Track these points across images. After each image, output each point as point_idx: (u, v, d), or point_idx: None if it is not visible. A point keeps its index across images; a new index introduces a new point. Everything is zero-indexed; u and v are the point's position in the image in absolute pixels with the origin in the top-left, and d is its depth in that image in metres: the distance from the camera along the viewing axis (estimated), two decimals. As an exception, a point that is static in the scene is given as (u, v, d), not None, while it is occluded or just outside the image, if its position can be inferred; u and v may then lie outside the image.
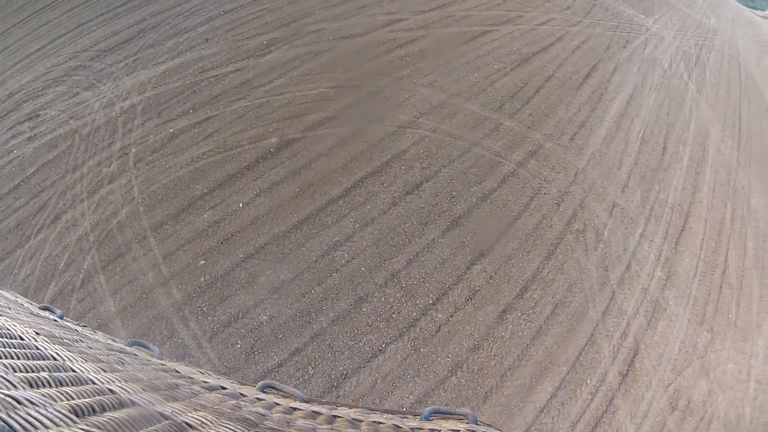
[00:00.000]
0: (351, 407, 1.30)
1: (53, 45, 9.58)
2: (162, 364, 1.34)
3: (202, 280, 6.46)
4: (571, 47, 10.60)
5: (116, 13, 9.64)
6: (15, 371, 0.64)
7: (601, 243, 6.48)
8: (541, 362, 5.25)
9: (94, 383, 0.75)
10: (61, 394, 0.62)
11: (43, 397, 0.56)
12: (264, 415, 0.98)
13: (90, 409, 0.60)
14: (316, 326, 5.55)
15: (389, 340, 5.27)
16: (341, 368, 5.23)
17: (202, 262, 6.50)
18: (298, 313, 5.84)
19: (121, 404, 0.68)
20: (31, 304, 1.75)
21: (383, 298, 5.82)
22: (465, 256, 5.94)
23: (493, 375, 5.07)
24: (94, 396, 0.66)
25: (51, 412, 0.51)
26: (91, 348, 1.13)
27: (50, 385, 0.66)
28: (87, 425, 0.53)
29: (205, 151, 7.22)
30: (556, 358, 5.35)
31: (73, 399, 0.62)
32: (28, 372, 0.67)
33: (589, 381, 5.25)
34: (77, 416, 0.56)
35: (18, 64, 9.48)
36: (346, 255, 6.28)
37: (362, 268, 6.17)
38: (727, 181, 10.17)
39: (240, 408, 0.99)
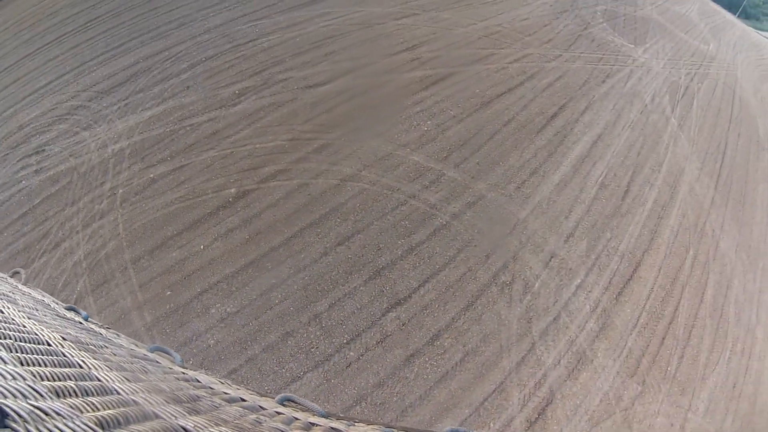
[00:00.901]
0: (369, 423, 1.28)
1: (58, 82, 10.51)
2: (183, 373, 1.33)
3: (168, 307, 7.15)
4: (542, 86, 10.63)
5: (113, 54, 10.46)
6: (42, 379, 0.63)
7: (529, 295, 6.64)
8: (443, 403, 5.53)
9: (118, 393, 0.74)
10: (87, 404, 0.61)
11: (69, 409, 0.55)
12: (283, 431, 0.96)
13: (115, 421, 0.59)
14: (250, 352, 6.13)
15: (307, 370, 5.83)
16: (267, 388, 5.78)
17: (169, 292, 7.21)
18: (237, 340, 6.45)
19: (145, 417, 0.67)
20: (57, 304, 1.75)
21: (305, 335, 6.33)
22: (382, 304, 6.30)
23: (394, 410, 5.42)
24: (119, 407, 0.65)
25: (77, 425, 0.50)
26: (115, 355, 1.12)
27: (76, 395, 0.64)
28: None
29: (177, 197, 7.88)
30: (459, 401, 5.61)
31: (99, 410, 0.60)
32: (54, 380, 0.66)
33: (492, 425, 5.48)
34: (102, 429, 0.55)
35: (28, 97, 10.47)
36: (279, 296, 6.83)
37: (291, 308, 6.69)
38: (695, 224, 9.95)
39: (260, 423, 0.96)
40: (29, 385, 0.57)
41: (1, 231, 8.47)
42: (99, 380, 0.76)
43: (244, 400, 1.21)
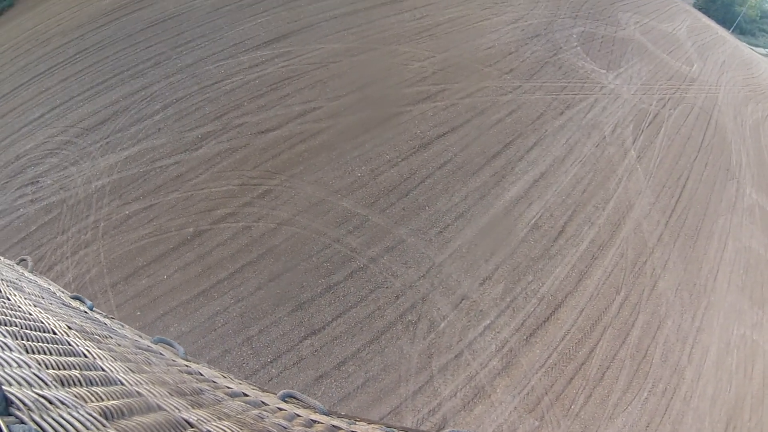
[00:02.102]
0: (370, 423, 1.28)
1: (50, 115, 11.55)
2: (186, 365, 1.31)
3: (137, 325, 8.23)
4: (491, 122, 10.81)
5: (97, 91, 11.38)
6: (47, 368, 0.62)
7: (433, 333, 7.13)
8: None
9: (122, 384, 0.73)
10: (92, 394, 0.60)
11: (74, 398, 0.54)
12: (285, 428, 0.95)
13: (119, 412, 0.58)
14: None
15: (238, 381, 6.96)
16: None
17: (138, 313, 8.26)
18: (188, 354, 7.52)
19: (149, 408, 0.67)
20: (63, 292, 1.73)
21: (239, 353, 7.16)
22: (300, 333, 7.00)
23: None
24: (123, 398, 0.65)
25: (82, 415, 0.50)
26: (119, 345, 1.11)
27: (81, 384, 0.64)
28: (116, 430, 0.51)
29: (147, 233, 8.82)
30: (356, 416, 6.29)
31: (103, 400, 0.60)
32: (59, 369, 0.65)
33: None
34: (106, 419, 0.54)
35: (23, 129, 11.58)
36: (221, 320, 7.66)
37: (230, 331, 7.51)
38: (634, 264, 10.02)
39: (262, 419, 0.97)
40: (34, 373, 0.56)
41: (2, 253, 9.68)
42: (103, 370, 0.75)
43: (246, 395, 1.19)
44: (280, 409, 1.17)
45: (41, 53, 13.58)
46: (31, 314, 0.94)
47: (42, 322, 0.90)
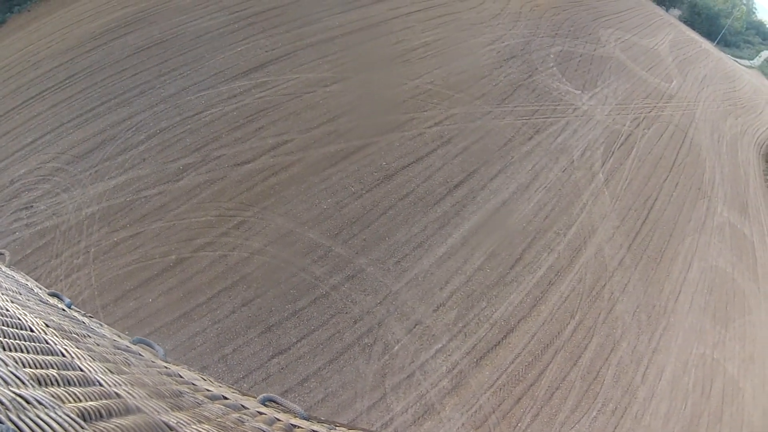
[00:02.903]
0: (350, 428, 1.32)
1: (42, 141, 12.70)
2: (166, 367, 1.34)
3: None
4: (456, 151, 11.76)
5: (86, 119, 12.51)
6: (24, 366, 0.63)
7: (387, 355, 8.14)
8: None
9: (101, 385, 0.74)
10: (69, 394, 0.61)
11: (51, 398, 0.55)
12: None
13: (97, 413, 0.59)
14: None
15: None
16: None
17: (126, 332, 9.39)
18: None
19: (128, 410, 0.67)
20: (40, 288, 1.73)
21: (216, 369, 8.29)
22: (268, 352, 8.08)
23: None
24: (102, 399, 0.65)
25: (59, 416, 0.50)
26: (98, 345, 1.13)
27: (59, 384, 0.64)
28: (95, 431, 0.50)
29: (134, 259, 9.94)
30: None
31: (81, 401, 0.60)
32: (37, 368, 0.65)
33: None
34: (84, 420, 0.54)
35: (17, 153, 12.75)
36: (200, 340, 8.74)
37: (207, 350, 8.61)
38: (591, 289, 10.92)
39: (242, 423, 1.00)
40: (11, 371, 0.56)
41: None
42: (82, 370, 0.76)
43: (226, 398, 1.23)
44: (260, 413, 1.19)
45: (33, 76, 14.74)
46: (7, 310, 0.93)
47: (19, 319, 0.90)
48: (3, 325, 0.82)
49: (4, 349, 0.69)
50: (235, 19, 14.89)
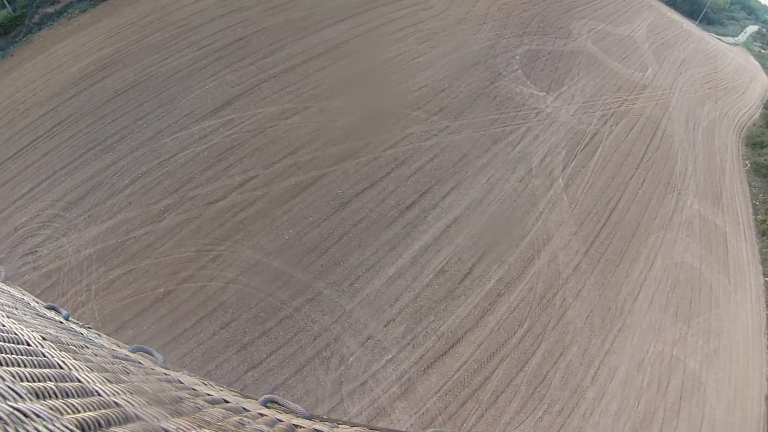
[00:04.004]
0: (352, 425, 1.49)
1: (38, 189, 15.51)
2: (165, 374, 1.50)
3: None
4: (410, 172, 13.67)
5: (75, 166, 15.19)
6: (22, 380, 0.70)
7: (343, 366, 10.39)
8: None
9: (99, 395, 0.82)
10: (68, 406, 0.67)
11: (49, 410, 0.61)
12: None
13: (96, 423, 0.64)
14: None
15: None
16: None
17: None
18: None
19: (127, 418, 0.75)
20: (37, 302, 2.00)
21: None
22: (244, 367, 10.52)
23: None
24: (100, 409, 0.72)
25: (57, 427, 0.55)
26: (96, 355, 1.25)
27: (56, 396, 0.72)
28: None
29: (128, 294, 12.57)
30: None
31: (79, 412, 0.67)
32: (34, 381, 0.73)
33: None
34: (83, 431, 0.60)
35: (17, 202, 15.64)
36: (188, 360, 11.50)
37: (194, 368, 11.39)
38: (542, 297, 12.76)
39: (244, 425, 1.10)
40: (8, 386, 0.61)
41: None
42: (79, 381, 0.84)
43: (227, 401, 1.36)
44: (262, 415, 1.33)
45: (22, 125, 17.59)
46: (4, 325, 1.04)
47: (15, 333, 1.01)
48: (0, 341, 0.91)
49: (1, 365, 0.76)
50: (203, 55, 17.13)
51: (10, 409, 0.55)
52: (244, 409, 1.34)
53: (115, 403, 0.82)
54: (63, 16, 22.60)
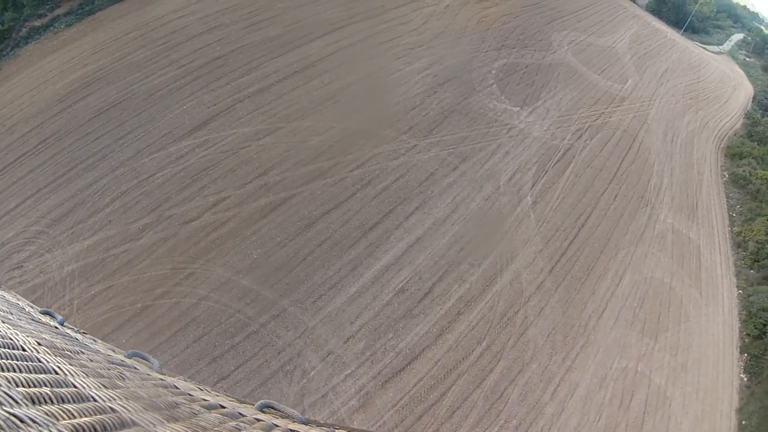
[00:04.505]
0: (350, 430, 1.65)
1: (24, 205, 17.36)
2: (161, 379, 1.61)
3: None
4: (375, 192, 15.09)
5: (59, 183, 16.99)
6: (17, 386, 0.76)
7: (305, 379, 11.89)
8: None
9: (95, 400, 0.88)
10: (63, 411, 0.73)
11: (45, 416, 0.66)
12: None
13: (92, 429, 0.70)
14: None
15: None
16: None
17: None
18: None
19: (123, 424, 0.80)
20: (32, 307, 2.12)
21: None
22: (214, 378, 12.18)
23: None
24: (96, 414, 0.78)
25: None
26: (92, 361, 1.34)
27: (52, 402, 0.77)
28: None
29: (108, 308, 14.29)
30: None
31: (75, 417, 0.73)
32: (30, 387, 0.79)
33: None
34: None
35: (4, 217, 17.52)
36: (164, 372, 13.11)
37: None
38: (503, 315, 14.06)
39: (240, 430, 1.17)
40: (4, 392, 0.65)
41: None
42: (75, 387, 0.90)
43: (223, 407, 1.46)
44: (258, 420, 1.44)
45: (9, 141, 19.49)
46: None
47: (11, 339, 1.07)
48: None
49: None
50: (182, 74, 18.80)
51: (6, 415, 0.62)
52: (240, 414, 1.45)
53: (111, 408, 0.89)
54: (50, 29, 24.61)
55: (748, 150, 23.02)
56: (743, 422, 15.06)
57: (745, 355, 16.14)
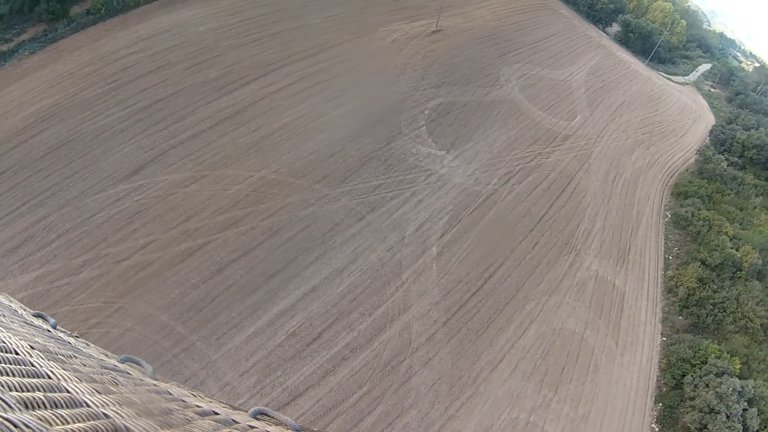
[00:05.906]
0: None
1: (-10, 239, 28.18)
2: (155, 385, 2.11)
3: None
4: (281, 242, 23.86)
5: (12, 217, 27.97)
6: (10, 390, 1.00)
7: None
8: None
9: (88, 406, 1.17)
10: (57, 417, 0.97)
11: (38, 421, 0.88)
12: None
13: None
14: None
15: None
16: None
17: None
18: None
19: (116, 430, 1.08)
20: (24, 310, 2.78)
21: None
22: None
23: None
24: (89, 420, 1.04)
25: None
26: (85, 365, 1.77)
27: (45, 407, 1.03)
28: None
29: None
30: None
31: (69, 423, 0.97)
32: (23, 391, 1.05)
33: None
34: None
35: (-25, 250, 28.45)
36: None
37: None
38: (387, 364, 22.20)
39: None
40: None
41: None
42: (68, 392, 1.20)
43: (216, 413, 1.92)
44: (252, 427, 1.90)
45: None
46: None
47: (3, 342, 1.39)
48: None
49: None
50: (126, 115, 28.91)
51: (0, 419, 0.80)
52: (233, 421, 1.94)
53: (104, 414, 1.17)
54: (14, 56, 36.39)
55: (695, 189, 28.24)
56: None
57: (660, 405, 22.55)
